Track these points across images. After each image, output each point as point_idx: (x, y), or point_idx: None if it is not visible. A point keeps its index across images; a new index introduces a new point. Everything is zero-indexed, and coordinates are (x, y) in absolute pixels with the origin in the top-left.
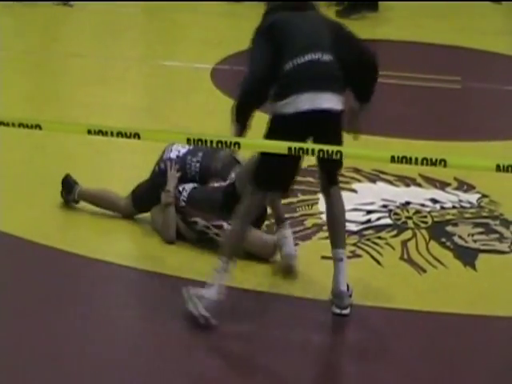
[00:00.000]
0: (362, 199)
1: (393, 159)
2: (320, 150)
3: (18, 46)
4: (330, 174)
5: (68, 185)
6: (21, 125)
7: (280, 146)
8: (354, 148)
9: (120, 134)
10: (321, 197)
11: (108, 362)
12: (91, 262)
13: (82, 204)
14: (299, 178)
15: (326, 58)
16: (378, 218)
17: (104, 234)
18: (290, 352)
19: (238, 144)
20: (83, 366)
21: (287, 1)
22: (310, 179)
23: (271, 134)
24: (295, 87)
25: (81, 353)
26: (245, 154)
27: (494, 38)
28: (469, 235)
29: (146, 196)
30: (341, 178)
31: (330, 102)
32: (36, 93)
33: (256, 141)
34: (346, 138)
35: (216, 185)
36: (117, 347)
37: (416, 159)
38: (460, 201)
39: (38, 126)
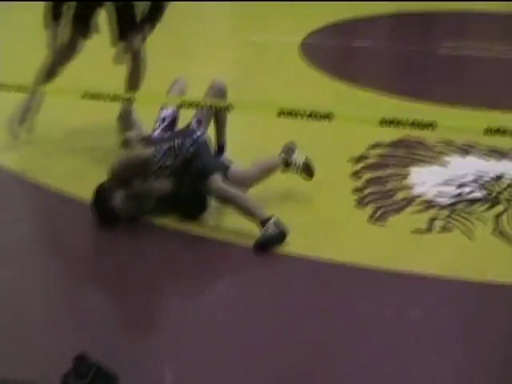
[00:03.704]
0: (454, 172)
1: (487, 131)
2: (413, 123)
3: None
4: None
5: None
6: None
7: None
8: (447, 119)
9: (211, 107)
10: (411, 171)
11: None
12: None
13: None
14: (389, 152)
15: None
16: (470, 192)
17: None
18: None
19: (329, 117)
20: None
21: None
22: (400, 153)
23: None
24: None
25: None
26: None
27: None
28: None
29: None
30: (431, 152)
31: None
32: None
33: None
34: (438, 110)
35: None
36: None
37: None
38: None
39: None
